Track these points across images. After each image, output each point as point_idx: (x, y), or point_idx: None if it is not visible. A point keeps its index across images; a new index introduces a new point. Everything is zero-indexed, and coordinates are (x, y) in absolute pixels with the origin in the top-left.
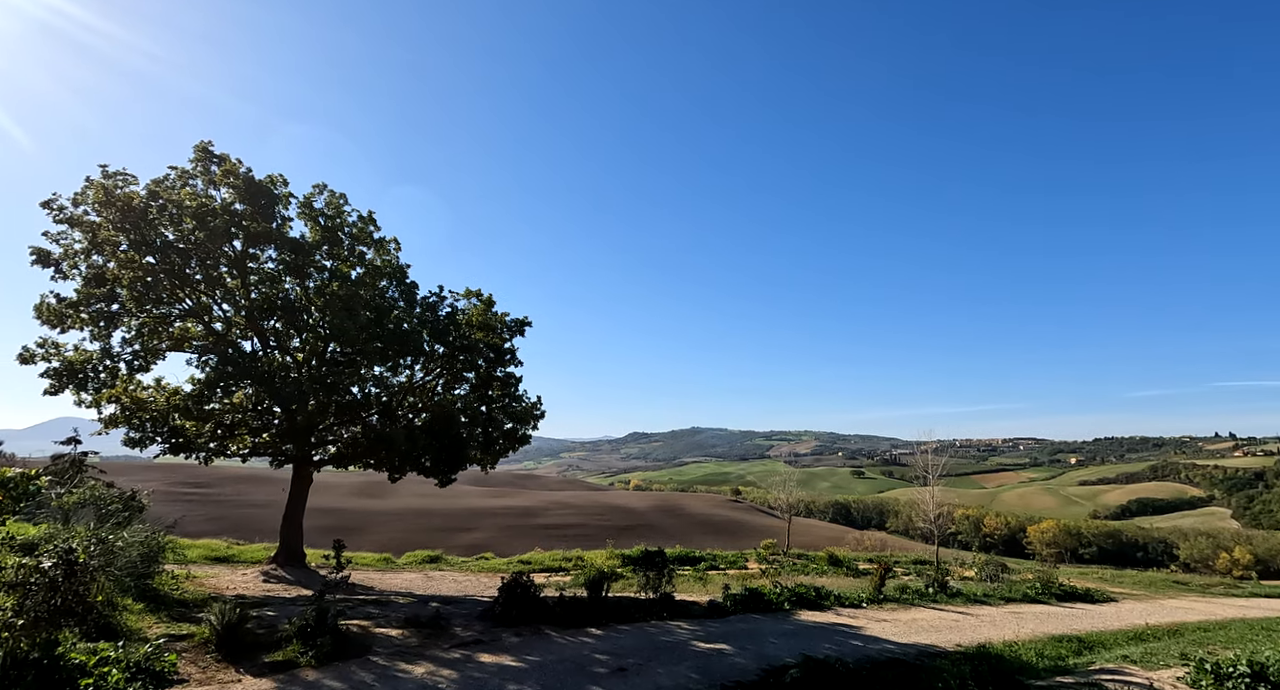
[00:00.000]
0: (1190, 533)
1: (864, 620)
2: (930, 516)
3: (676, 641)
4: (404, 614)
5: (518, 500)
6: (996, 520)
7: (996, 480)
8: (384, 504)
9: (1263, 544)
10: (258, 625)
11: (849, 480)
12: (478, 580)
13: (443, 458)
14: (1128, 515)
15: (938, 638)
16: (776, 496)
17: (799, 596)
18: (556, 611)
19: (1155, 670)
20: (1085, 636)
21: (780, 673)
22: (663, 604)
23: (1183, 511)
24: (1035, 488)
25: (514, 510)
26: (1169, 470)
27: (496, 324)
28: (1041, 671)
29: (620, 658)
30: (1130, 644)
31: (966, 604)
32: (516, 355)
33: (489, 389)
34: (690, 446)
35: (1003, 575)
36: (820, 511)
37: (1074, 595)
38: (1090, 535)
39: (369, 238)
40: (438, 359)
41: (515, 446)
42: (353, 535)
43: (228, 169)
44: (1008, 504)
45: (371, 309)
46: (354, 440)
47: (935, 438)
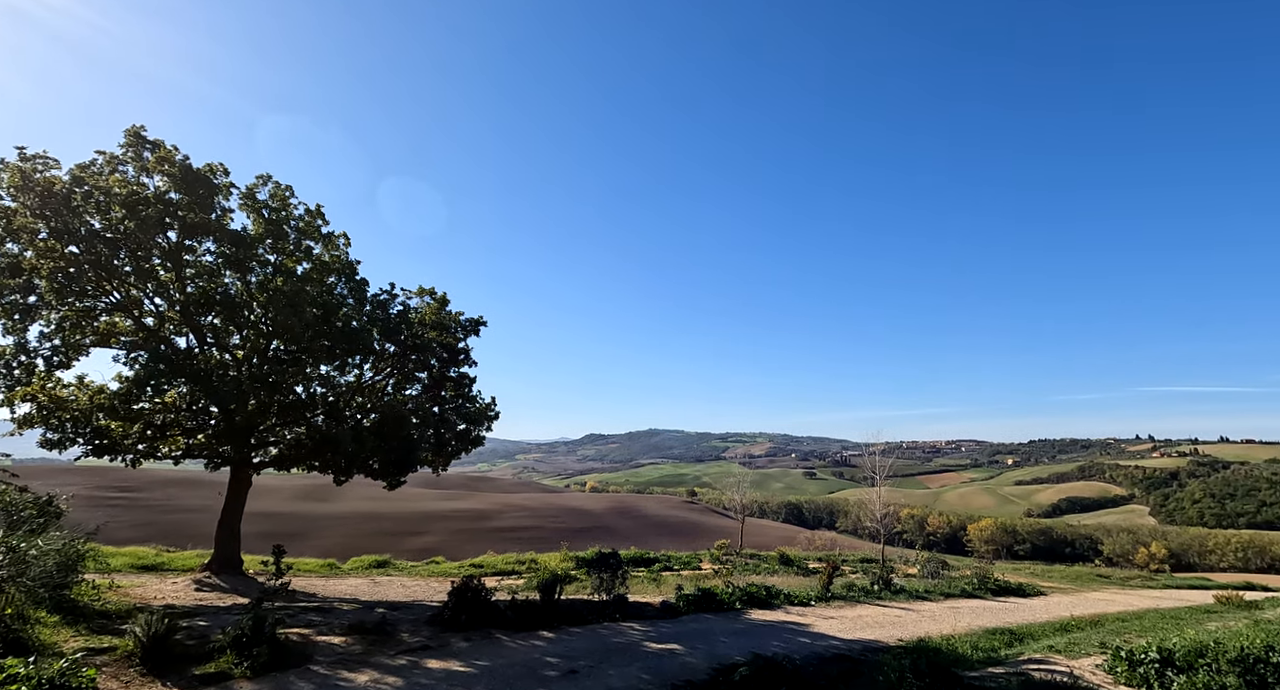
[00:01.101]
0: (1113, 529)
1: (812, 618)
2: (877, 516)
3: (629, 642)
4: (348, 621)
5: (471, 503)
6: (939, 519)
7: (940, 481)
8: (329, 508)
9: (1176, 539)
10: (188, 636)
11: (801, 481)
12: (427, 585)
13: (392, 460)
14: (1058, 513)
15: (881, 633)
16: (731, 498)
17: (750, 596)
18: (508, 615)
19: (1077, 659)
20: (1016, 629)
21: (730, 671)
22: (616, 605)
23: (1107, 509)
24: (975, 488)
25: (467, 513)
26: (1095, 470)
27: (450, 323)
28: (975, 663)
29: (571, 660)
30: (1056, 635)
31: (909, 600)
32: (470, 355)
33: (442, 389)
34: (647, 448)
35: (943, 572)
36: (774, 512)
37: (1007, 590)
38: (1024, 533)
39: (316, 232)
40: (388, 358)
41: (468, 448)
42: (296, 540)
43: (162, 156)
44: (950, 503)
45: (318, 306)
46: (297, 441)
47: (883, 440)
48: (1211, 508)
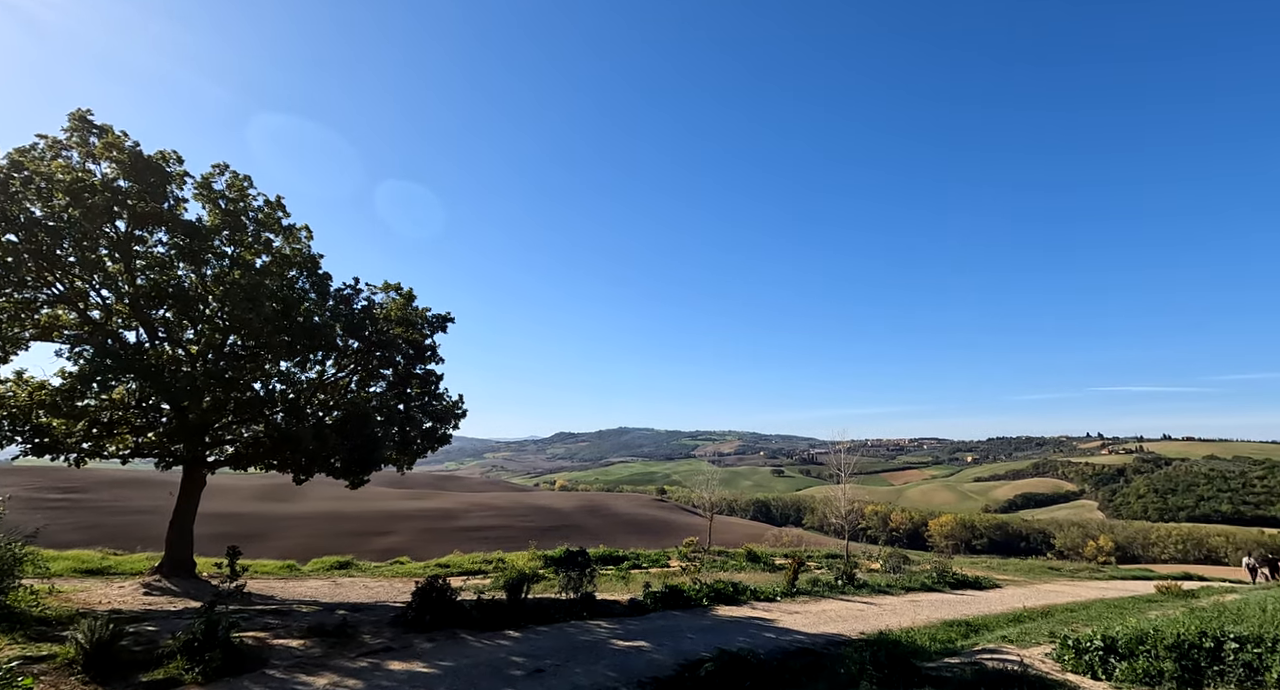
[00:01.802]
0: (1064, 523)
1: (777, 613)
2: (841, 513)
3: (596, 640)
4: (307, 623)
5: (437, 502)
6: (902, 515)
7: (903, 478)
8: (289, 508)
9: (1122, 532)
10: (135, 642)
11: (770, 479)
12: (391, 586)
13: (355, 458)
14: (1014, 509)
15: (844, 627)
16: (700, 495)
17: (717, 592)
18: (473, 615)
19: (1028, 648)
20: (972, 620)
21: (696, 667)
22: (584, 604)
23: (1059, 504)
24: (936, 484)
25: (433, 512)
26: (1048, 468)
27: (417, 319)
28: (933, 654)
29: (538, 659)
30: (1009, 625)
31: (871, 594)
32: (437, 352)
33: (407, 387)
34: (617, 446)
35: (904, 567)
36: (742, 509)
37: (965, 583)
38: (982, 527)
39: (277, 224)
40: (352, 354)
41: (435, 446)
42: (254, 542)
43: (110, 142)
44: (912, 500)
45: (278, 300)
46: (255, 440)
47: (848, 438)
48: (1155, 502)
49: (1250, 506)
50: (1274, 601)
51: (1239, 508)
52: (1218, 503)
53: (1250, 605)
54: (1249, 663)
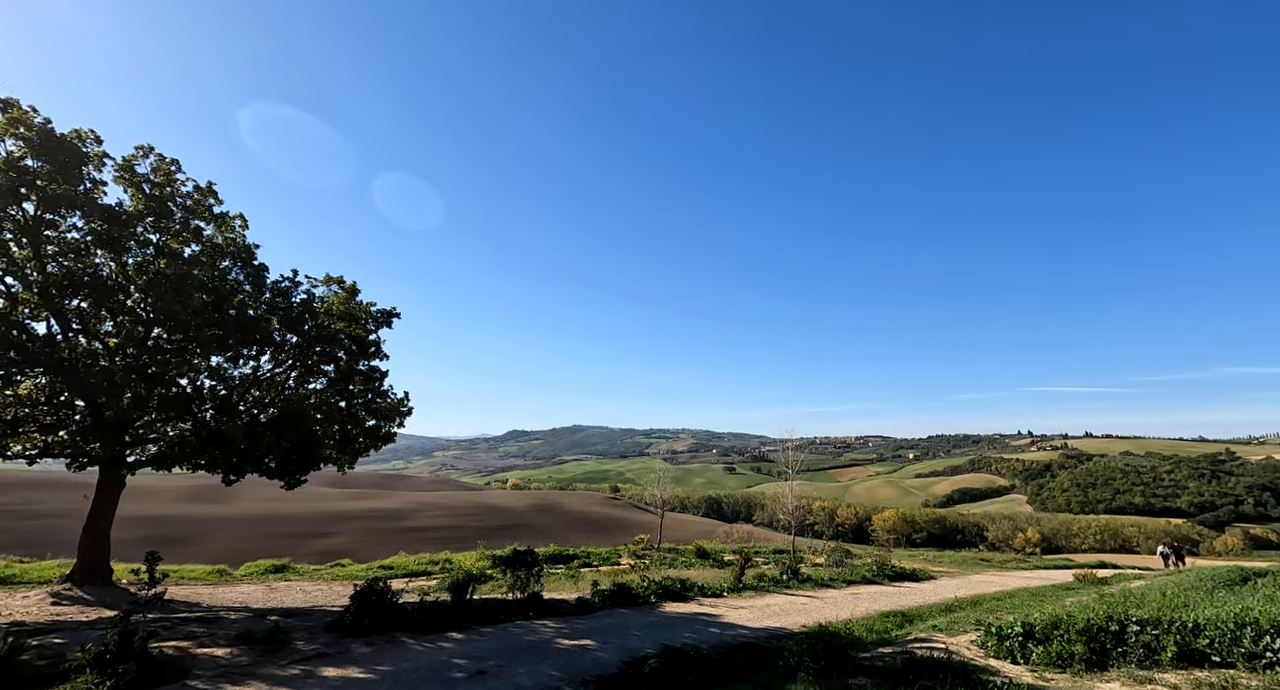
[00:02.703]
0: (996, 517)
1: (723, 608)
2: (789, 509)
3: (541, 640)
4: (235, 630)
5: (384, 502)
6: (847, 511)
7: (849, 475)
8: (222, 510)
9: (1047, 524)
10: (39, 655)
11: (722, 476)
12: (330, 589)
13: (291, 458)
14: (951, 503)
15: (787, 621)
16: (652, 493)
17: (665, 589)
18: (415, 618)
19: (956, 636)
20: (907, 611)
21: (640, 664)
22: (530, 604)
23: (992, 499)
24: (880, 481)
25: (379, 513)
26: (983, 464)
27: (360, 314)
28: (869, 644)
29: (480, 661)
30: (941, 615)
31: (815, 588)
32: (382, 348)
33: (350, 383)
34: (571, 445)
35: (846, 561)
36: (694, 507)
37: (903, 575)
38: (922, 522)
39: (207, 211)
40: (290, 349)
41: (378, 445)
42: (182, 546)
43: (16, 117)
44: (858, 496)
45: (208, 292)
46: (181, 438)
47: (797, 436)
48: (1077, 496)
49: (1160, 499)
50: (1173, 587)
51: (1150, 500)
52: (1132, 496)
53: (1152, 590)
54: (1148, 643)
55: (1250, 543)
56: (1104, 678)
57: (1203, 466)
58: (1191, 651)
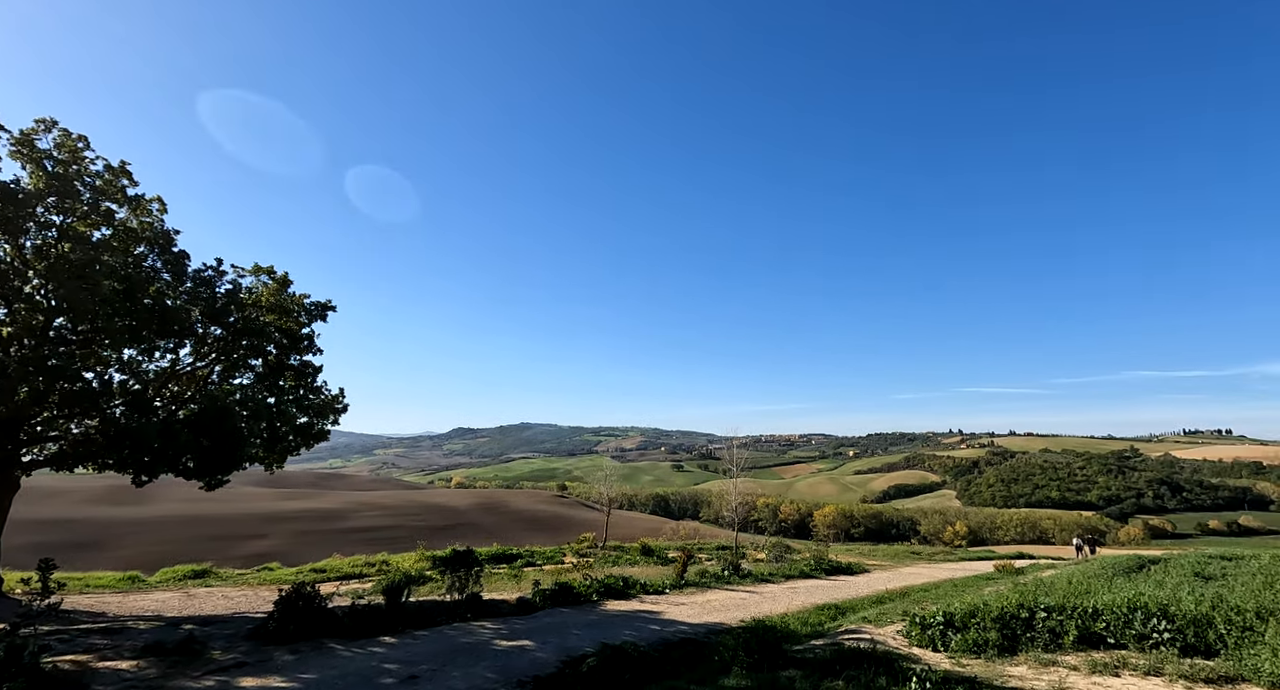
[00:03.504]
0: (928, 511)
1: (665, 605)
2: (733, 506)
3: (478, 642)
4: (144, 641)
5: (318, 502)
6: (790, 507)
7: (792, 472)
8: (137, 512)
9: (974, 518)
10: None
11: (670, 474)
12: (256, 595)
13: (212, 457)
14: (888, 499)
15: (726, 616)
16: (599, 491)
17: (607, 587)
18: (346, 622)
19: (884, 627)
20: (841, 604)
21: (578, 663)
22: (469, 605)
23: (925, 494)
24: (822, 477)
25: (313, 513)
26: (917, 461)
27: (293, 306)
28: (803, 637)
29: (412, 665)
30: (871, 607)
31: (755, 583)
32: (315, 342)
33: (280, 378)
34: (519, 443)
35: (786, 556)
36: (642, 504)
37: (839, 569)
38: (860, 517)
39: (120, 193)
40: (213, 342)
41: (310, 443)
42: (92, 551)
43: None
44: (801, 492)
45: (119, 279)
46: (86, 436)
47: (743, 434)
48: (1001, 491)
49: (1073, 493)
50: (1078, 575)
51: (1065, 494)
52: (1049, 490)
53: (1060, 579)
54: (1053, 628)
55: (1149, 532)
56: (1014, 662)
57: (1110, 463)
58: (1091, 635)
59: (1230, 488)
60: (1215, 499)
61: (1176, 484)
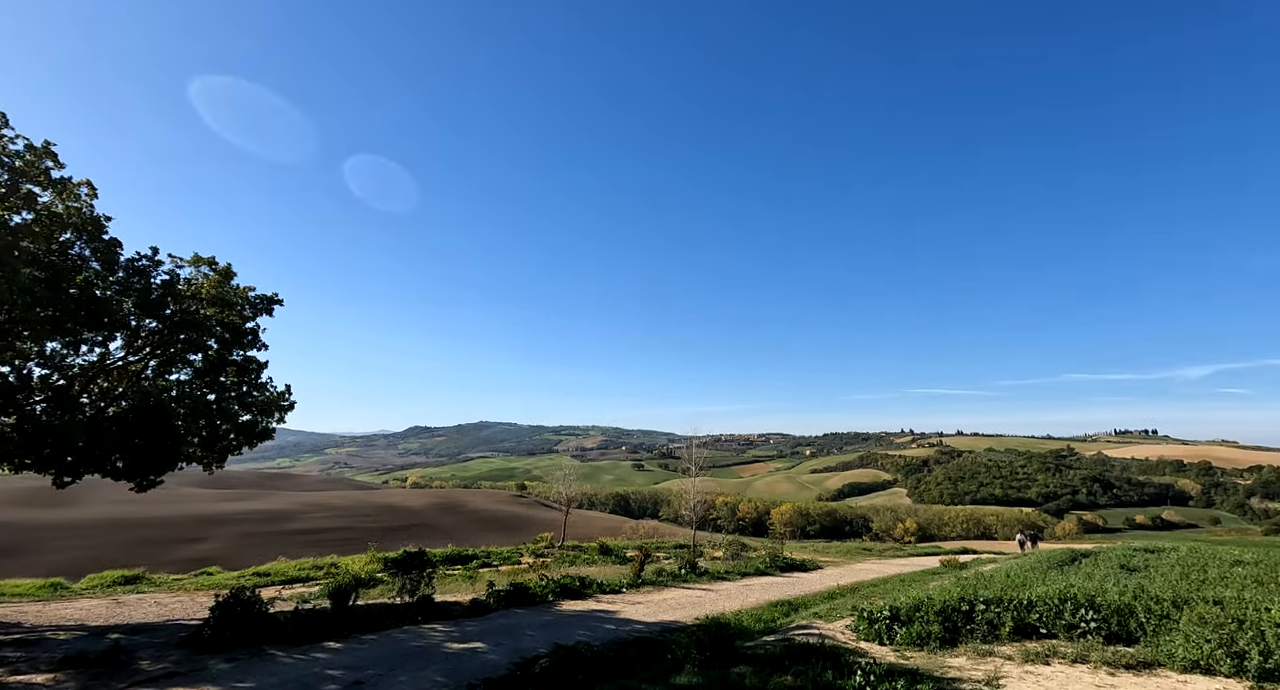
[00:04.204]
0: (880, 509)
1: (621, 604)
2: (691, 505)
3: (428, 645)
4: (64, 652)
5: (264, 503)
6: (748, 506)
7: (751, 470)
8: (65, 515)
9: (923, 515)
10: None
11: (630, 473)
12: (193, 600)
13: (144, 456)
14: (842, 497)
15: (682, 614)
16: (558, 491)
17: (564, 587)
18: (288, 628)
19: (833, 622)
20: (794, 600)
21: (531, 664)
22: (420, 607)
23: (877, 492)
24: (780, 476)
25: (258, 515)
26: (870, 460)
27: (236, 299)
28: (755, 633)
29: (358, 670)
30: (823, 602)
31: (711, 581)
32: (260, 337)
33: (221, 374)
34: (477, 442)
35: (743, 554)
36: (602, 503)
37: (793, 566)
38: (815, 515)
39: (43, 176)
40: (148, 336)
41: (254, 442)
42: (10, 557)
43: None
44: (759, 491)
45: (42, 267)
46: (1, 434)
47: (703, 433)
48: (948, 489)
49: (1015, 490)
50: (1016, 569)
51: (1007, 491)
52: (993, 488)
53: (999, 573)
54: (991, 621)
55: (1082, 527)
56: (954, 653)
57: (1049, 461)
58: (1025, 625)
59: (1155, 485)
60: (1142, 495)
61: (1108, 481)
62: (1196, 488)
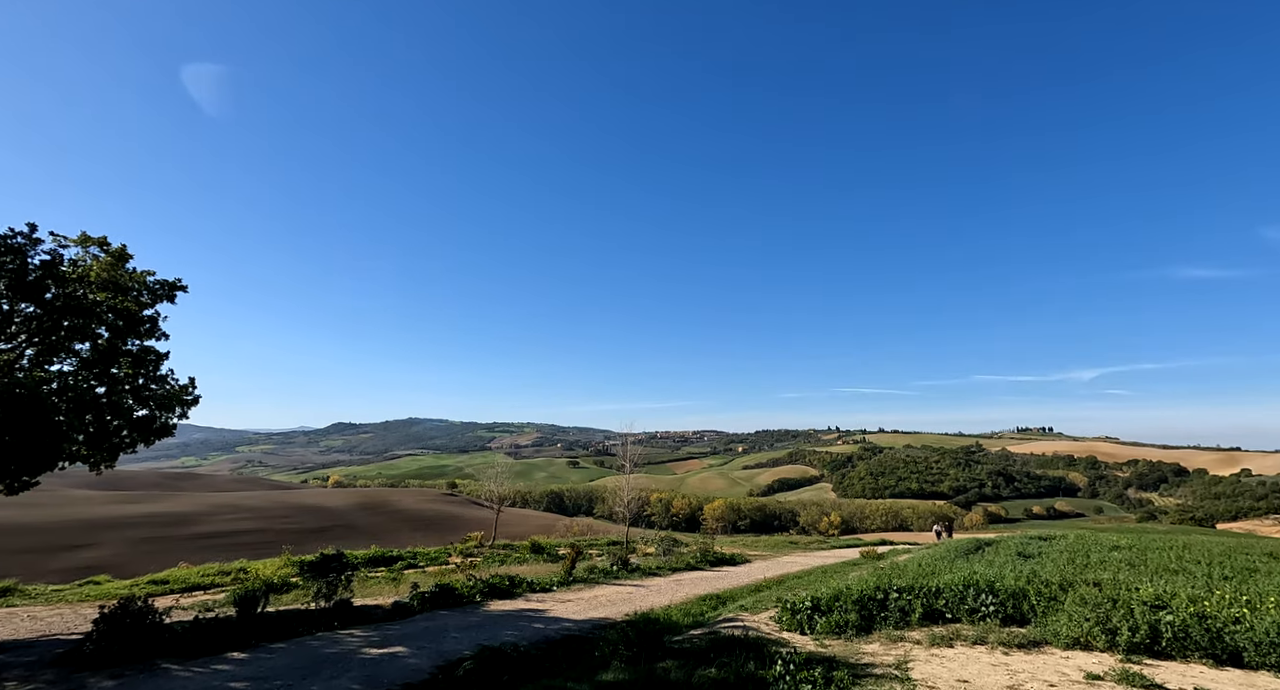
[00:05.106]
0: (808, 503)
1: (551, 603)
2: (624, 502)
3: (344, 652)
4: None
5: (164, 505)
6: (682, 502)
7: (685, 467)
8: None
9: (847, 509)
10: None
11: (565, 470)
12: (75, 613)
13: (14, 455)
14: (772, 492)
15: (612, 611)
16: (489, 489)
17: (492, 587)
18: (186, 639)
19: (758, 614)
20: (722, 593)
21: (454, 667)
22: (337, 612)
23: (805, 487)
24: (713, 473)
25: (157, 518)
26: (799, 456)
27: (132, 284)
28: (683, 627)
29: (264, 682)
30: (749, 595)
31: (643, 577)
32: (160, 326)
33: (113, 365)
34: (406, 439)
35: (674, 549)
36: (536, 501)
37: (723, 560)
38: (746, 510)
39: None
40: (23, 321)
41: (150, 439)
42: None
43: None
44: (693, 487)
45: None
46: None
47: (639, 430)
48: (870, 483)
49: (929, 484)
50: (928, 559)
51: (922, 485)
52: (910, 483)
53: (913, 563)
54: (903, 608)
55: (987, 518)
56: (869, 640)
57: (960, 457)
58: (934, 611)
59: (1050, 478)
60: (1039, 488)
61: (1010, 475)
62: (1084, 480)
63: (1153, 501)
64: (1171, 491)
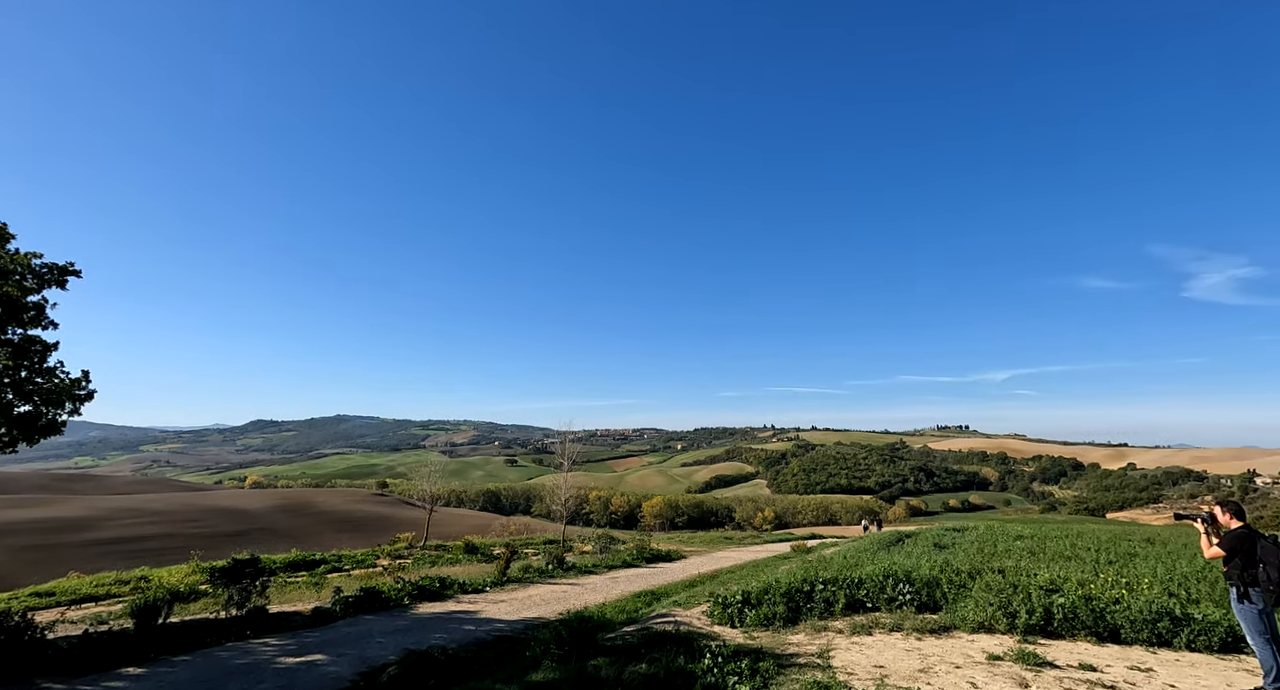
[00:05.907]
0: (743, 500)
1: (483, 604)
2: (562, 500)
3: (256, 662)
4: None
5: (53, 509)
6: (621, 499)
7: (625, 465)
8: None
9: (780, 504)
10: None
11: (503, 469)
12: None
13: None
14: (709, 489)
15: (546, 610)
16: (422, 488)
17: (421, 589)
18: (72, 655)
19: (691, 609)
20: (657, 590)
21: (378, 673)
22: (250, 620)
23: (741, 484)
24: (652, 470)
25: (43, 524)
26: (736, 453)
27: (14, 267)
28: (618, 625)
29: None
30: (684, 591)
31: (579, 575)
32: (48, 313)
33: None
34: (333, 437)
35: (611, 547)
36: (471, 500)
37: (659, 557)
38: (684, 507)
39: None
40: None
41: (34, 438)
42: None
43: None
44: (632, 485)
45: None
46: None
47: (578, 428)
48: (803, 479)
49: (857, 479)
50: (853, 551)
51: (851, 481)
52: (840, 478)
53: (838, 555)
54: (828, 599)
55: (909, 511)
56: (795, 631)
57: (885, 454)
58: (856, 601)
59: (965, 473)
60: (955, 482)
61: (930, 470)
62: (996, 475)
63: (1054, 494)
64: (1070, 484)
